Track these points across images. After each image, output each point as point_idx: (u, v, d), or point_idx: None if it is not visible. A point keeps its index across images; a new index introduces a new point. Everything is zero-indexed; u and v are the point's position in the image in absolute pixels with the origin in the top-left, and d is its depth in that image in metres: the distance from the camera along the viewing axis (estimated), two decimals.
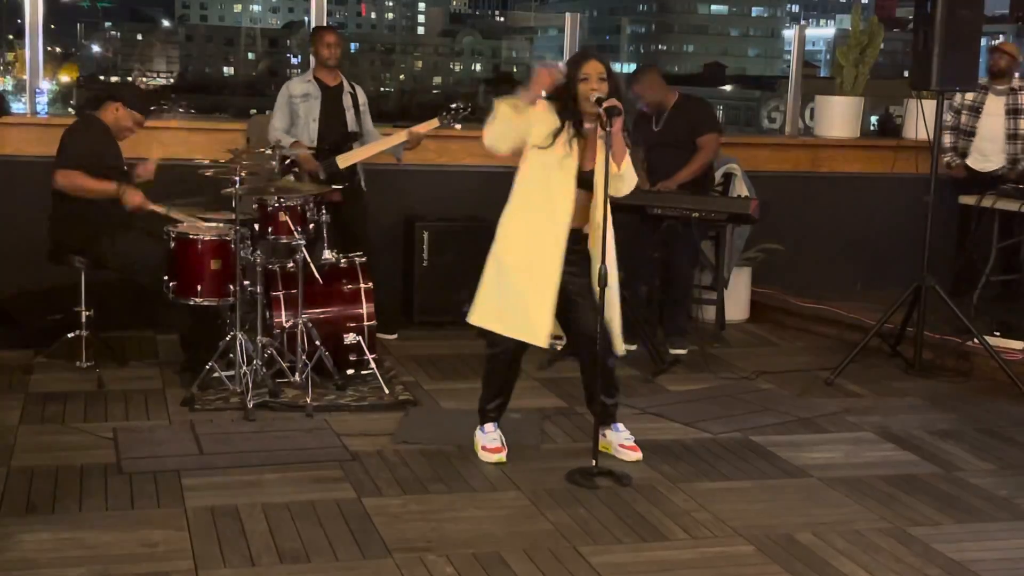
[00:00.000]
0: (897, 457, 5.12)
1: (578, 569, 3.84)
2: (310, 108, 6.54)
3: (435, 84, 74.98)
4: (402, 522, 4.17)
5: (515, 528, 4.17)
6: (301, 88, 6.59)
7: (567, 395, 5.72)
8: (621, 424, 4.97)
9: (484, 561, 3.86)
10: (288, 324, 5.64)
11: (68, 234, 5.77)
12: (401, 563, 3.83)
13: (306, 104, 6.54)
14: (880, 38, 8.32)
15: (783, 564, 3.94)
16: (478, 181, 7.06)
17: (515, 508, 4.37)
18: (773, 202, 7.04)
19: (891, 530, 4.27)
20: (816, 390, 6.14)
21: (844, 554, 4.04)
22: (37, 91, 7.37)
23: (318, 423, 5.23)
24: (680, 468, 4.85)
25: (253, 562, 3.81)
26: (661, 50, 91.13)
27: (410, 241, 7.08)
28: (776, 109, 9.84)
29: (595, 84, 4.55)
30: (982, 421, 5.70)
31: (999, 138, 7.67)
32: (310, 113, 6.53)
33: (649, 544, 4.08)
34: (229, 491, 4.39)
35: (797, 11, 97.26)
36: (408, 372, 6.13)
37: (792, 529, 4.24)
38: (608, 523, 4.24)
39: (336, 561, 3.84)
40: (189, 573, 3.71)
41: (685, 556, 4.00)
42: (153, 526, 4.05)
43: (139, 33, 79.47)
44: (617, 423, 4.95)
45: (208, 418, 5.23)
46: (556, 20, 72.14)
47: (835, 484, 4.73)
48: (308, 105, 6.54)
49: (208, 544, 3.92)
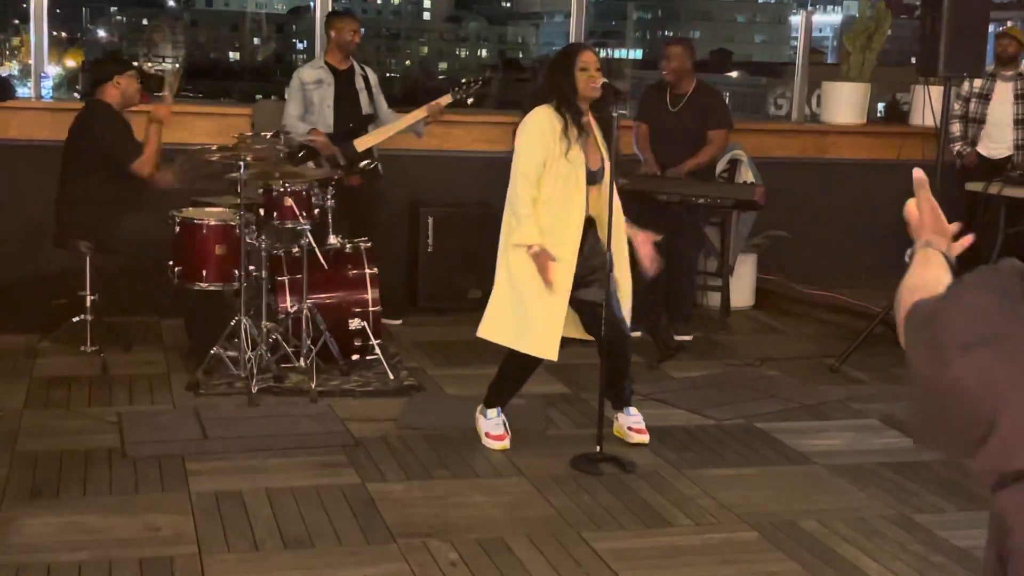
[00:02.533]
0: (901, 444, 5.11)
1: (582, 555, 3.84)
2: (324, 94, 6.51)
3: (441, 70, 74.79)
4: (406, 507, 4.18)
5: (519, 514, 4.17)
6: (313, 75, 6.55)
7: (571, 381, 5.72)
8: (634, 408, 4.96)
9: (488, 547, 3.87)
10: (293, 309, 5.64)
11: (73, 218, 5.77)
12: (405, 548, 3.83)
13: (320, 90, 6.51)
14: (887, 24, 8.29)
15: (787, 551, 3.94)
16: (483, 167, 7.05)
17: (519, 494, 4.37)
18: (779, 188, 7.02)
19: (895, 517, 4.27)
20: (821, 377, 6.13)
21: (848, 541, 4.04)
22: (42, 76, 7.37)
23: (323, 408, 5.23)
24: (684, 455, 4.85)
25: (257, 547, 3.81)
26: (667, 36, 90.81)
27: (415, 226, 7.07)
28: (782, 95, 9.79)
29: (594, 73, 4.55)
30: None
31: (1008, 124, 7.63)
32: (324, 99, 6.50)
33: (653, 530, 4.08)
34: (233, 476, 4.40)
35: None
36: (413, 358, 6.13)
37: (796, 516, 4.24)
38: (612, 509, 4.24)
39: (340, 546, 3.85)
40: (193, 558, 3.71)
41: (689, 542, 4.00)
42: (157, 511, 4.06)
43: (145, 18, 79.44)
44: (630, 407, 4.95)
45: (212, 403, 5.24)
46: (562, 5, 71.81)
47: (839, 471, 4.73)
48: (322, 91, 6.51)
49: (212, 529, 3.92)
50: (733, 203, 6.53)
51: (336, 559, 3.77)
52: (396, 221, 7.09)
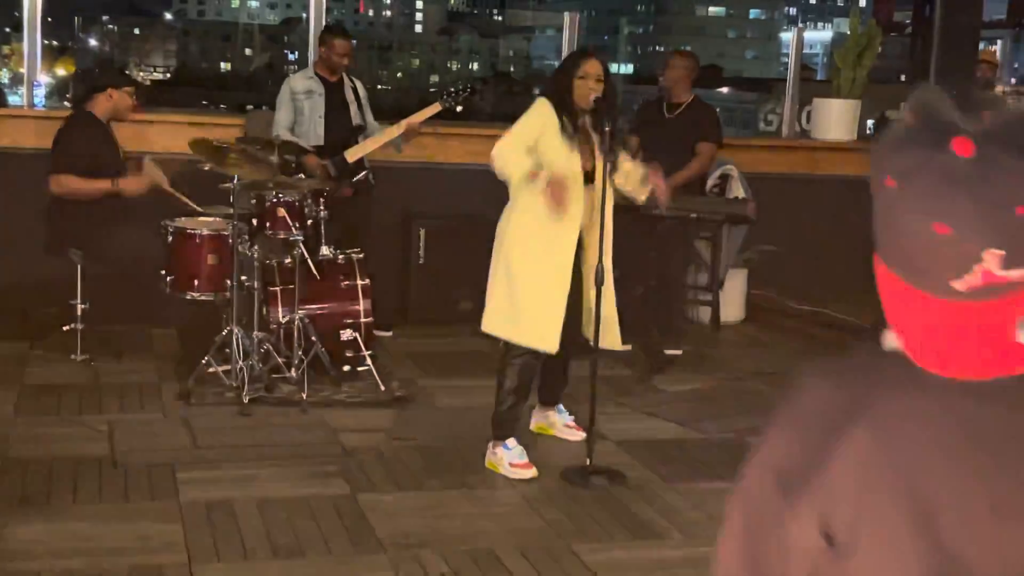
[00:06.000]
0: None
1: (572, 567, 3.85)
2: (314, 105, 6.51)
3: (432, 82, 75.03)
4: (396, 518, 4.18)
5: (509, 525, 4.18)
6: (303, 84, 6.57)
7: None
8: (562, 404, 5.11)
9: (478, 558, 3.87)
10: (285, 320, 5.64)
11: (65, 227, 5.77)
12: (395, 559, 3.83)
13: (310, 101, 6.52)
14: (878, 41, 8.33)
15: None
16: (475, 179, 7.02)
17: (510, 505, 4.38)
18: (769, 204, 7.05)
19: None
20: None
21: None
22: (35, 84, 7.37)
23: (314, 419, 5.23)
24: (674, 468, 4.86)
25: (247, 556, 3.81)
26: (659, 51, 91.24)
27: (407, 238, 7.08)
28: (772, 111, 9.86)
29: (593, 84, 4.57)
30: None
31: None
32: (315, 110, 6.51)
33: (643, 543, 4.09)
34: (224, 485, 4.40)
35: (794, 14, 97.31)
36: (403, 369, 6.13)
37: None
38: (602, 521, 4.25)
39: (330, 556, 3.85)
40: (183, 567, 3.71)
41: (679, 555, 4.01)
42: (147, 519, 4.06)
43: (136, 27, 79.54)
44: (560, 403, 5.10)
45: (203, 412, 5.23)
46: (554, 20, 72.32)
47: None
48: (312, 102, 6.51)
49: (202, 538, 3.92)
50: (724, 217, 6.55)
51: (326, 569, 3.77)
52: (388, 233, 7.10)
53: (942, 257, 1.11)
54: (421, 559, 3.84)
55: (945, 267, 1.11)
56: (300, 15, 68.11)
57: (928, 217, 1.10)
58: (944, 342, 1.15)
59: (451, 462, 4.78)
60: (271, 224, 5.51)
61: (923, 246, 1.11)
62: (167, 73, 72.86)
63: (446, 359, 6.34)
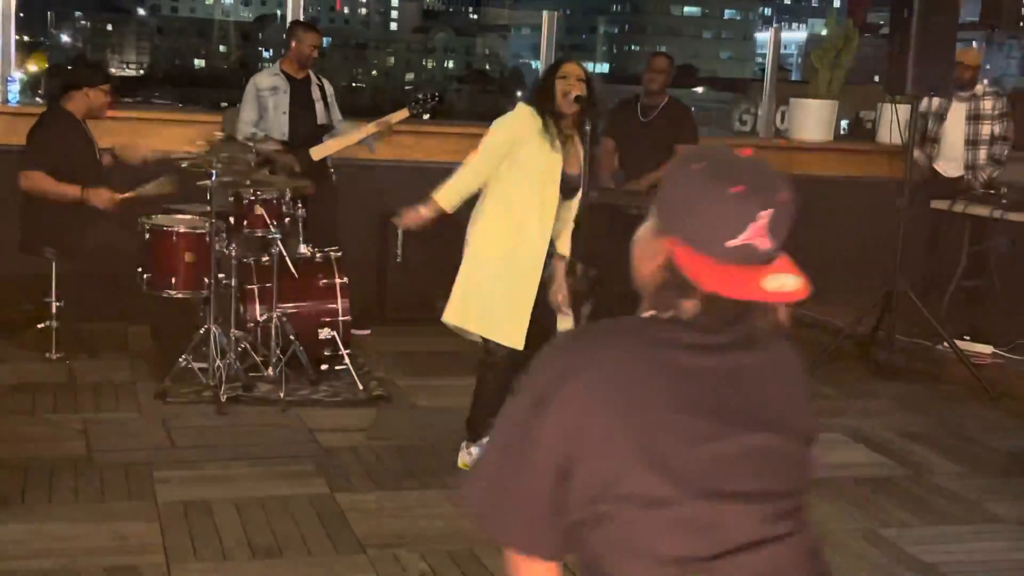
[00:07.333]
0: (868, 459, 5.16)
1: None
2: (279, 101, 6.50)
3: (407, 80, 74.80)
4: (375, 518, 4.17)
5: None
6: (268, 81, 6.56)
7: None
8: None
9: (457, 557, 3.86)
10: (262, 318, 5.62)
11: (39, 224, 5.72)
12: (374, 559, 3.82)
13: (275, 97, 6.51)
14: (855, 42, 8.37)
15: None
16: None
17: None
18: None
19: (861, 531, 4.30)
20: None
21: None
22: (8, 80, 7.29)
23: (291, 418, 5.21)
24: None
25: (225, 556, 3.79)
26: (634, 50, 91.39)
27: (384, 237, 7.06)
28: (747, 111, 9.87)
29: (573, 82, 4.57)
30: (951, 424, 5.75)
31: (960, 144, 7.69)
32: (279, 106, 6.50)
33: None
34: (201, 485, 4.37)
35: (769, 14, 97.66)
36: (381, 368, 6.11)
37: None
38: None
39: (309, 556, 3.83)
40: (160, 567, 3.68)
41: None
42: (124, 519, 4.03)
43: (110, 24, 79.02)
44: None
45: (180, 411, 5.20)
46: (530, 18, 72.33)
47: None
48: (277, 99, 6.50)
49: (180, 538, 3.90)
50: None
51: (305, 569, 3.75)
52: (365, 231, 7.08)
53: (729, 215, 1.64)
54: (400, 558, 3.83)
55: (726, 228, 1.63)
56: (274, 12, 67.89)
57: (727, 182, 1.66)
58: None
59: (430, 461, 4.77)
60: (249, 222, 5.48)
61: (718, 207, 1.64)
62: (140, 70, 72.46)
63: (424, 358, 6.32)
